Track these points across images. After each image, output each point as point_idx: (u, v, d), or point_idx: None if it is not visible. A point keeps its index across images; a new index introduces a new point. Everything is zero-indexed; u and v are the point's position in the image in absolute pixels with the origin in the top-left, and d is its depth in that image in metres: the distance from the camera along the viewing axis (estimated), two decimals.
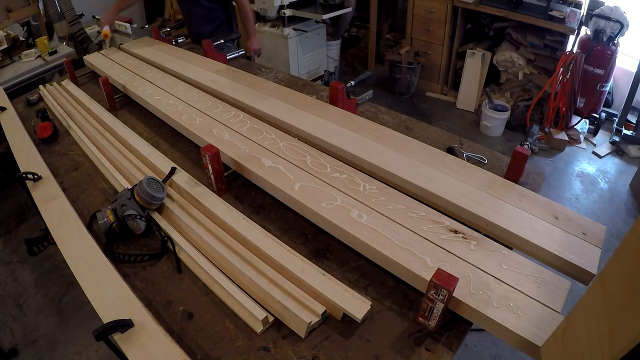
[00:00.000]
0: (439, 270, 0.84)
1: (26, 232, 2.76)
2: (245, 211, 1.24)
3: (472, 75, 3.71)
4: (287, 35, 3.32)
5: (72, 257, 1.08)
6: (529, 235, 0.99)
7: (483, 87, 3.74)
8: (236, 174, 1.35)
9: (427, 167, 1.20)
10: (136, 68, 2.03)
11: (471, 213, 1.06)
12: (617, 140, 3.29)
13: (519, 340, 0.80)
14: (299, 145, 1.35)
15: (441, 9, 3.65)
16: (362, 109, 1.70)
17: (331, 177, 1.19)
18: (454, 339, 0.89)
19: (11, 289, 2.38)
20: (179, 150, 1.58)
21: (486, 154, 1.40)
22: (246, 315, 0.95)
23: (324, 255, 1.10)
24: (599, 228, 1.02)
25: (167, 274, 1.09)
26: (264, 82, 1.77)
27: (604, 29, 3.04)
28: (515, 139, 3.44)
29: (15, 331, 2.14)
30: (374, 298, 0.98)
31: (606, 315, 0.52)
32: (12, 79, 2.76)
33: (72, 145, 1.68)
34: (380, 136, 1.35)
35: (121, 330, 0.87)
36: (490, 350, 1.97)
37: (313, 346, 0.89)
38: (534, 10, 3.19)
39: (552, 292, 0.87)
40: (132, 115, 1.85)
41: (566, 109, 3.28)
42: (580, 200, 2.87)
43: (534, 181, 1.27)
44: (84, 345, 2.04)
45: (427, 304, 0.86)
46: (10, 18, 3.15)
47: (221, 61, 2.06)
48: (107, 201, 1.35)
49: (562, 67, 3.13)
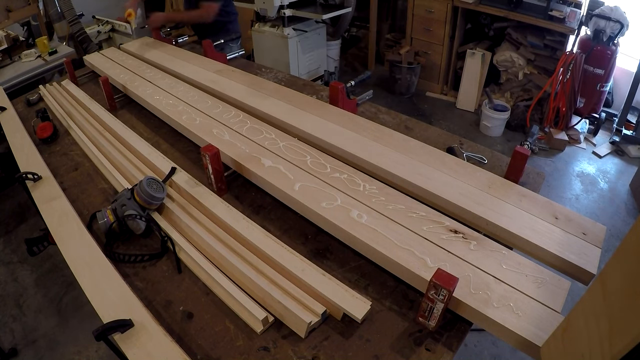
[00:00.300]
0: (438, 270, 0.84)
1: (26, 232, 2.76)
2: (245, 211, 1.24)
3: (472, 75, 3.71)
4: (287, 35, 3.32)
5: (72, 257, 1.08)
6: (529, 235, 0.99)
7: (483, 87, 3.74)
8: (236, 174, 1.35)
9: (427, 167, 1.20)
10: (136, 68, 2.03)
11: (471, 213, 1.06)
12: (617, 140, 3.29)
13: (519, 340, 0.80)
14: (299, 145, 1.35)
15: (441, 9, 3.65)
16: (362, 109, 1.70)
17: (331, 177, 1.19)
18: (454, 339, 0.89)
19: (11, 289, 2.38)
20: (179, 150, 1.58)
21: (486, 154, 1.40)
22: (246, 315, 0.95)
23: (324, 255, 1.10)
24: (599, 228, 1.02)
25: (167, 274, 1.09)
26: (264, 82, 1.77)
27: (604, 29, 3.04)
28: (515, 139, 3.44)
29: (15, 331, 2.14)
30: (374, 298, 0.98)
31: (606, 315, 0.52)
32: (12, 79, 2.76)
33: (72, 145, 1.68)
34: (380, 136, 1.35)
35: (121, 330, 0.87)
36: (490, 350, 1.97)
37: (313, 346, 0.89)
38: (534, 10, 3.19)
39: (552, 292, 0.87)
40: (132, 115, 1.85)
41: (566, 109, 3.28)
42: (580, 200, 2.87)
43: (534, 181, 1.27)
44: (84, 345, 2.04)
45: (427, 304, 0.86)
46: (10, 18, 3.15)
47: (221, 61, 2.06)
48: (107, 201, 1.35)
49: (562, 67, 3.13)
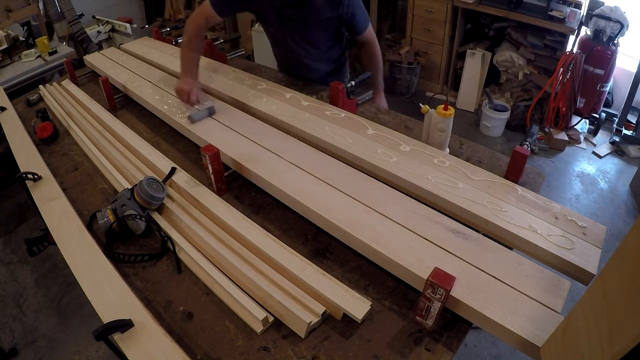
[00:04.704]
0: (436, 269, 0.84)
1: (26, 232, 2.76)
2: (245, 211, 1.24)
3: (472, 75, 3.71)
4: None
5: (72, 257, 1.08)
6: (529, 235, 0.99)
7: (483, 87, 3.74)
8: (236, 174, 1.35)
9: (427, 167, 1.21)
10: (136, 68, 2.03)
11: (471, 213, 1.06)
12: (617, 141, 3.29)
13: (518, 340, 0.80)
14: (299, 145, 1.35)
15: (441, 9, 3.65)
16: (362, 109, 1.70)
17: (331, 177, 1.19)
18: (453, 339, 0.89)
19: (11, 289, 2.38)
20: (179, 150, 1.58)
21: (486, 154, 1.40)
22: (246, 315, 0.95)
23: (324, 255, 1.10)
24: (599, 228, 1.02)
25: (167, 274, 1.09)
26: (264, 82, 1.77)
27: (604, 29, 3.04)
28: (515, 139, 3.44)
29: (15, 331, 2.14)
30: (374, 298, 0.98)
31: (606, 315, 0.52)
32: (12, 79, 2.76)
33: (72, 145, 1.68)
34: (380, 136, 1.35)
35: (121, 330, 0.87)
36: (490, 350, 1.97)
37: (313, 346, 0.89)
38: (534, 10, 3.19)
39: (552, 292, 0.87)
40: (132, 115, 1.85)
41: (566, 109, 3.28)
42: (580, 200, 2.87)
43: (534, 181, 1.27)
44: (84, 345, 2.04)
45: (425, 302, 0.86)
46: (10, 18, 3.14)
47: (221, 61, 2.06)
48: (107, 201, 1.35)
49: (562, 67, 3.13)
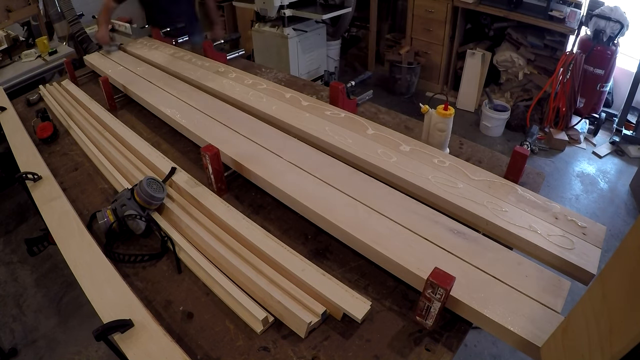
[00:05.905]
0: (435, 269, 0.84)
1: (26, 232, 2.76)
2: (245, 211, 1.24)
3: (472, 76, 3.71)
4: (287, 35, 3.32)
5: (72, 257, 1.08)
6: (529, 235, 0.99)
7: (483, 87, 3.74)
8: (236, 174, 1.35)
9: (427, 167, 1.21)
10: (136, 68, 2.03)
11: (471, 213, 1.06)
12: (617, 141, 3.29)
13: (518, 340, 0.80)
14: (299, 145, 1.35)
15: (441, 9, 3.65)
16: (362, 109, 1.70)
17: (331, 177, 1.19)
18: (453, 339, 0.88)
19: (11, 289, 2.38)
20: (179, 150, 1.58)
21: (486, 154, 1.40)
22: (246, 315, 0.95)
23: (324, 255, 1.10)
24: (599, 228, 1.02)
25: (167, 274, 1.09)
26: (264, 82, 1.77)
27: (604, 29, 3.04)
28: (515, 139, 3.44)
29: (15, 331, 2.14)
30: (374, 298, 0.98)
31: (606, 315, 0.52)
32: (12, 79, 2.76)
33: (72, 145, 1.68)
34: (380, 136, 1.35)
35: (121, 330, 0.87)
36: (490, 350, 1.97)
37: (313, 346, 0.89)
38: (534, 10, 3.19)
39: (552, 292, 0.87)
40: (132, 115, 1.85)
41: (566, 109, 3.28)
42: (580, 200, 2.87)
43: (534, 181, 1.27)
44: (84, 345, 2.04)
45: (424, 302, 0.86)
46: (10, 18, 3.15)
47: (221, 61, 2.06)
48: (107, 201, 1.35)
49: (562, 67, 3.13)
